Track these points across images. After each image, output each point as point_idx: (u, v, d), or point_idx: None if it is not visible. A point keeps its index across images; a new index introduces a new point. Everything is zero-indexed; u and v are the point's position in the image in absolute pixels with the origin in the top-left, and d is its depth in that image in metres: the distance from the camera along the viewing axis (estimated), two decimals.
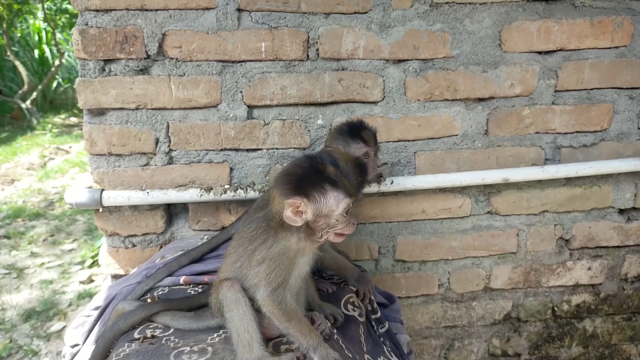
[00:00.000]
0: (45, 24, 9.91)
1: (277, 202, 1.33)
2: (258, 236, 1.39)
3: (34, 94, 9.35)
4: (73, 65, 10.96)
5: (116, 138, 2.05)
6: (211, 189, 2.07)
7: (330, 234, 1.34)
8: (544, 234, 2.35)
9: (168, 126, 2.07)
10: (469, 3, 2.08)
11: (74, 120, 9.76)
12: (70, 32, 9.28)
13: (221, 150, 2.12)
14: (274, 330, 1.42)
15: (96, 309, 1.86)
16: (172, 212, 2.21)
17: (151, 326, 1.54)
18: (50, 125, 9.00)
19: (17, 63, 9.16)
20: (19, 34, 10.17)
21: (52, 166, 6.83)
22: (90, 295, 3.54)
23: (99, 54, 1.97)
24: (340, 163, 1.36)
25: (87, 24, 1.96)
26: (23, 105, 9.02)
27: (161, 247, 2.19)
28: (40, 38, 10.47)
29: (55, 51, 10.09)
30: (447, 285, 2.37)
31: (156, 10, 1.96)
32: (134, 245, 2.18)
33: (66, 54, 10.35)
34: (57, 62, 9.48)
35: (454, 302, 2.40)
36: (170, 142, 2.08)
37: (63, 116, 9.87)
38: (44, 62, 10.42)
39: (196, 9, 1.98)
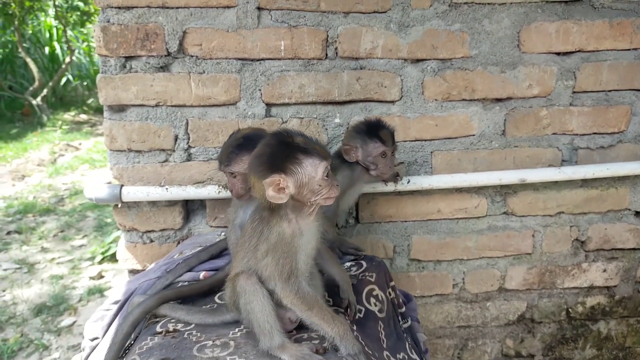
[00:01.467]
0: (56, 21, 9.97)
1: (257, 186, 1.33)
2: (256, 229, 1.40)
3: (45, 91, 9.43)
4: (83, 63, 11.04)
5: (136, 134, 2.07)
6: None
7: (318, 201, 1.35)
8: (560, 235, 2.34)
9: (187, 123, 2.08)
10: (488, 3, 2.09)
11: (83, 117, 9.83)
12: (81, 29, 9.38)
13: None
14: (288, 325, 1.44)
15: (115, 302, 1.88)
16: (189, 208, 2.23)
17: (172, 320, 1.56)
18: (60, 122, 9.07)
19: (28, 60, 9.25)
20: (30, 31, 10.26)
21: (62, 162, 6.90)
22: (100, 290, 3.58)
23: (120, 51, 1.99)
24: (299, 132, 1.38)
25: (108, 21, 1.98)
26: (34, 102, 9.10)
27: (178, 242, 2.20)
28: (51, 35, 10.56)
29: (65, 48, 10.16)
30: (462, 285, 2.38)
31: (177, 8, 1.98)
32: (151, 241, 2.20)
33: (76, 51, 10.42)
34: (67, 60, 9.55)
35: (468, 302, 2.41)
36: (189, 139, 2.10)
37: (73, 113, 9.94)
38: (54, 59, 10.51)
39: (217, 7, 2.00)
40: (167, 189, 2.07)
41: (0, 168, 6.58)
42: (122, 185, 2.06)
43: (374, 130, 1.84)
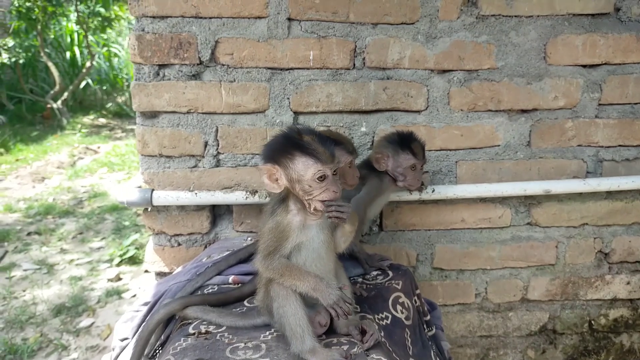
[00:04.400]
0: (78, 26, 10.16)
1: (259, 172, 1.42)
2: (265, 215, 1.48)
3: (65, 95, 9.59)
4: (102, 68, 11.22)
5: (167, 140, 2.12)
6: (256, 191, 2.13)
7: (313, 202, 1.38)
8: (584, 247, 2.35)
9: (217, 130, 2.13)
10: (515, 16, 2.11)
11: (102, 121, 9.98)
12: (101, 34, 9.52)
13: None
14: (318, 329, 1.46)
15: (145, 304, 1.92)
16: (216, 213, 2.27)
17: (204, 322, 1.60)
18: (79, 126, 9.21)
19: (50, 64, 9.41)
20: (52, 36, 10.46)
21: (81, 165, 7.00)
22: (118, 292, 3.62)
23: (154, 59, 2.05)
24: (318, 132, 1.40)
25: (143, 30, 2.04)
26: (54, 105, 9.26)
27: (205, 246, 2.25)
28: (72, 40, 10.76)
29: (86, 53, 10.34)
30: (484, 295, 2.39)
31: (210, 18, 2.03)
32: (179, 244, 2.25)
33: (96, 56, 10.59)
34: (87, 64, 9.72)
35: (491, 311, 2.41)
36: (218, 145, 2.14)
37: (92, 117, 10.10)
38: (75, 63, 10.70)
39: (248, 18, 2.05)
40: (196, 193, 2.11)
41: (21, 170, 6.69)
42: (152, 190, 2.11)
43: (406, 142, 1.87)
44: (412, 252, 2.32)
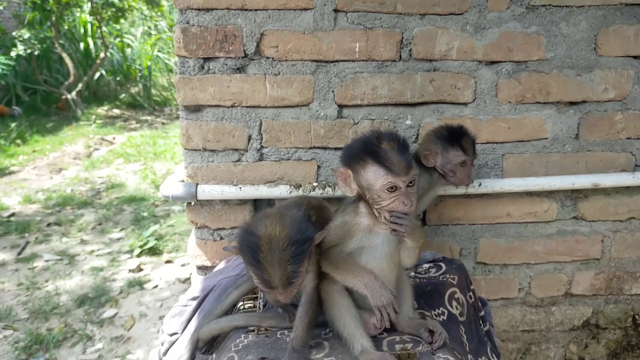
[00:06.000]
0: (92, 17, 10.12)
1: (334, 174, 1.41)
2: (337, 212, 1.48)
3: (79, 86, 9.59)
4: (116, 58, 11.20)
5: (211, 134, 2.10)
6: (300, 185, 2.10)
7: (382, 211, 1.35)
8: (630, 241, 2.31)
9: (261, 124, 2.11)
10: (566, 6, 2.06)
11: (116, 112, 9.98)
12: (114, 25, 9.50)
13: (310, 148, 2.15)
14: (372, 330, 1.45)
15: (194, 299, 1.92)
16: (257, 207, 2.25)
17: None
18: (94, 117, 9.22)
19: (64, 55, 9.40)
20: (66, 27, 10.43)
21: (97, 156, 7.01)
22: (139, 283, 3.63)
23: (199, 52, 2.02)
24: (401, 139, 1.34)
25: (188, 22, 2.01)
26: (69, 96, 9.26)
27: None
28: (85, 31, 10.72)
29: (100, 44, 10.31)
30: (528, 290, 2.36)
31: (256, 10, 2.00)
32: (221, 238, 2.24)
33: (110, 47, 10.56)
34: (102, 55, 9.69)
35: (534, 306, 2.39)
36: (262, 139, 2.12)
37: (106, 108, 10.10)
38: (89, 54, 10.67)
39: (294, 10, 2.01)
40: (240, 188, 2.09)
41: (38, 161, 6.71)
42: (197, 184, 2.10)
43: (456, 137, 1.83)
44: (456, 246, 2.29)
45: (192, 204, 2.17)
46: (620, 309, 2.41)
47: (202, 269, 2.28)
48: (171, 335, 1.89)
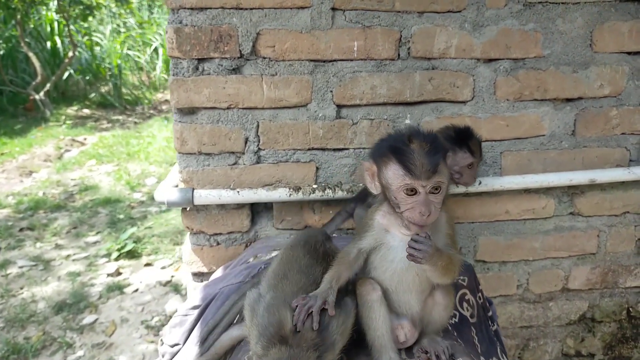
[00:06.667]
0: (58, 15, 9.81)
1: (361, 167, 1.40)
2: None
3: (47, 86, 9.28)
4: (84, 57, 10.89)
5: (207, 137, 2.03)
6: (299, 188, 2.06)
7: (402, 215, 1.26)
8: (624, 235, 2.34)
9: (258, 126, 2.05)
10: (562, 3, 2.07)
11: (86, 112, 9.70)
12: (82, 23, 9.23)
13: (308, 149, 2.10)
14: (401, 337, 1.42)
15: (194, 307, 1.85)
16: (254, 211, 2.20)
17: None
18: (63, 117, 8.93)
19: (30, 54, 9.08)
20: (31, 25, 10.08)
21: (68, 158, 6.79)
22: (119, 287, 3.54)
23: (193, 53, 1.95)
24: (434, 140, 1.27)
25: (181, 22, 1.94)
26: (37, 97, 8.96)
27: (246, 245, 2.18)
28: (52, 29, 10.39)
29: (67, 42, 10.00)
30: (526, 286, 2.37)
31: (251, 9, 1.94)
32: (218, 244, 2.18)
33: (78, 45, 10.26)
34: (70, 54, 9.40)
35: (531, 302, 2.40)
36: (259, 141, 2.07)
37: (76, 108, 9.80)
38: (56, 53, 10.34)
39: (291, 8, 1.96)
40: (238, 191, 2.04)
41: (7, 164, 6.46)
42: (193, 189, 2.03)
43: (464, 139, 1.81)
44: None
45: (188, 209, 2.10)
46: (615, 302, 2.44)
47: (198, 275, 2.22)
48: (172, 346, 1.82)
